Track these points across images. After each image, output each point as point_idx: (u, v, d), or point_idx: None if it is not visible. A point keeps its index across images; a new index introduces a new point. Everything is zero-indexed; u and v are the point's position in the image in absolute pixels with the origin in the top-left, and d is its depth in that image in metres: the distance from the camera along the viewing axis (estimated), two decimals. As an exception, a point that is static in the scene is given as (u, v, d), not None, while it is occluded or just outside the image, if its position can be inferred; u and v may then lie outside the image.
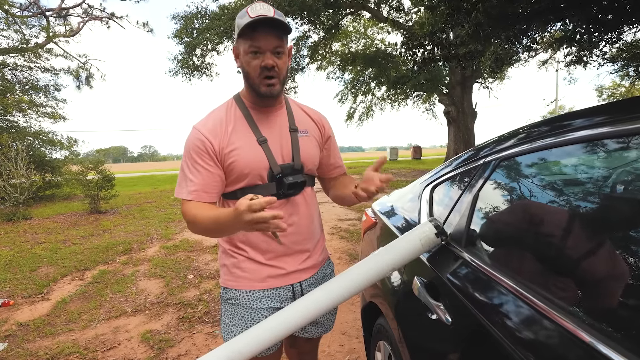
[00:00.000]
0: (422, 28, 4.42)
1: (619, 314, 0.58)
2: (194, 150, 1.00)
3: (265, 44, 0.95)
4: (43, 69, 11.59)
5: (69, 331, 2.54)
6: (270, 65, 0.96)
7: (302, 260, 1.12)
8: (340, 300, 0.99)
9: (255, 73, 0.97)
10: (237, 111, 1.05)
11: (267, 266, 1.08)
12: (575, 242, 0.74)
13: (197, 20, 12.20)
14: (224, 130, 1.01)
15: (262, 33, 0.94)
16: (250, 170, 1.01)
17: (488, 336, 0.74)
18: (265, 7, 0.94)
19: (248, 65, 0.97)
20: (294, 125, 1.09)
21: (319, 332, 1.24)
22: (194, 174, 0.99)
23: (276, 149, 1.05)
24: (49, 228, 6.19)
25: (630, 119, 0.66)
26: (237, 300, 1.08)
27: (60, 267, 3.96)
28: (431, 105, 21.24)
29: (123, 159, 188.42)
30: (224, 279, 1.12)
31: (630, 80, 11.71)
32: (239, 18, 0.95)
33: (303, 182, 1.08)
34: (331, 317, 1.27)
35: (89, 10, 13.71)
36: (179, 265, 3.89)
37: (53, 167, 10.14)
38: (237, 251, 1.08)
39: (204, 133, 1.00)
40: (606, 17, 3.92)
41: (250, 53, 0.95)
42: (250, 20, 0.91)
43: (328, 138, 1.20)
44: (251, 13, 0.92)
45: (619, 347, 0.51)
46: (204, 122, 1.03)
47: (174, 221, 6.44)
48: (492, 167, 1.06)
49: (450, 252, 1.07)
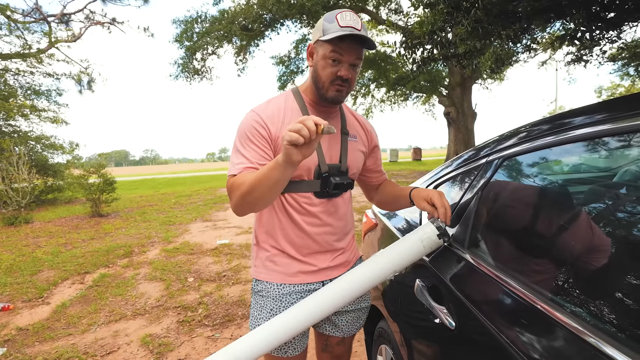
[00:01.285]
0: (421, 27, 4.42)
1: (625, 315, 0.56)
2: (249, 132, 0.99)
3: (347, 57, 0.96)
4: (45, 73, 11.66)
5: (68, 335, 2.52)
6: (345, 77, 0.97)
7: (333, 258, 1.13)
8: (341, 304, 0.97)
9: (328, 79, 0.99)
10: (295, 104, 1.06)
11: (299, 262, 1.09)
12: (583, 242, 0.72)
13: (197, 24, 12.24)
14: (281, 119, 1.02)
15: (346, 44, 0.95)
16: (301, 165, 1.00)
17: (494, 341, 0.72)
18: (355, 19, 0.95)
19: (323, 70, 0.98)
20: (345, 129, 1.11)
21: (352, 330, 1.21)
22: (249, 152, 0.98)
23: (326, 148, 1.06)
24: (50, 232, 6.18)
25: (631, 115, 0.64)
26: (268, 292, 1.09)
27: (61, 270, 3.95)
28: (431, 106, 21.26)
29: (125, 162, 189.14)
30: (256, 271, 1.13)
31: (630, 79, 11.67)
32: (327, 21, 0.96)
33: (349, 184, 1.11)
34: (363, 315, 1.24)
35: (90, 15, 13.80)
36: (179, 268, 3.87)
37: (55, 171, 10.18)
38: (272, 244, 1.09)
39: (262, 117, 1.00)
40: (608, 15, 3.90)
41: (330, 60, 0.96)
42: (339, 34, 0.92)
43: (375, 147, 1.23)
44: (341, 21, 0.94)
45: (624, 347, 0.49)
46: (262, 107, 1.04)
47: (174, 224, 6.43)
48: (494, 167, 1.04)
49: (453, 253, 1.05)
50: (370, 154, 1.22)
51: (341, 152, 1.09)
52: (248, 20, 11.18)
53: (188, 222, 6.56)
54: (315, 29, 1.02)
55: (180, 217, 7.06)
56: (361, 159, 1.16)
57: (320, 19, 1.01)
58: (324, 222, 1.08)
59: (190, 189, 13.29)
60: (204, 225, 6.26)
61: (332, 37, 0.92)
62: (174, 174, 27.36)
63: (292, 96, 1.08)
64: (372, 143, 1.22)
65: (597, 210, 0.75)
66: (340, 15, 0.95)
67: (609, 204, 0.74)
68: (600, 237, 0.69)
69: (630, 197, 0.70)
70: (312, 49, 1.02)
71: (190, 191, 12.31)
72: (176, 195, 11.09)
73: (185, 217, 7.13)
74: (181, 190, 12.74)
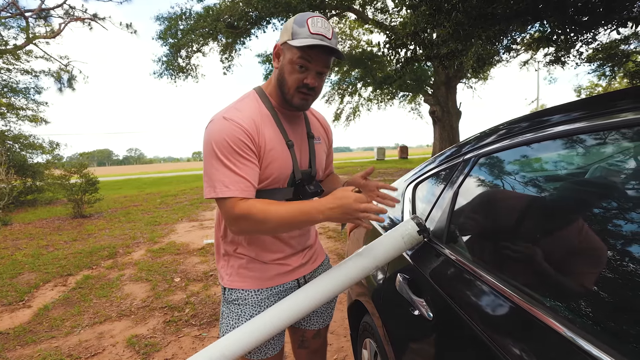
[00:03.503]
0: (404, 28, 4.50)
1: (596, 307, 0.59)
2: (235, 144, 0.90)
3: (314, 65, 0.93)
4: (22, 71, 11.28)
5: (51, 338, 2.48)
6: (312, 85, 0.95)
7: (304, 255, 1.16)
8: (324, 301, 1.00)
9: (294, 85, 0.95)
10: (264, 108, 1.01)
11: (275, 265, 1.09)
12: (557, 237, 0.76)
13: (181, 21, 12.06)
14: (258, 125, 0.96)
15: (315, 52, 0.92)
16: (279, 173, 0.99)
17: (468, 330, 0.76)
18: (326, 26, 0.92)
19: (289, 75, 0.95)
20: (311, 132, 1.10)
21: (326, 320, 1.26)
22: (243, 170, 0.91)
23: (298, 154, 1.05)
24: (30, 233, 6.02)
25: (605, 113, 0.67)
26: (245, 300, 1.07)
27: (42, 273, 3.86)
28: (417, 105, 21.48)
29: (108, 162, 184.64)
30: (228, 280, 1.09)
31: (606, 79, 12.10)
32: (297, 25, 0.92)
33: (321, 191, 1.09)
34: (333, 303, 1.29)
35: (70, 11, 13.42)
36: (165, 268, 3.84)
37: (34, 172, 9.87)
38: (246, 253, 1.07)
39: (243, 125, 0.92)
40: (581, 18, 4.05)
41: (297, 65, 0.93)
42: (310, 43, 0.89)
43: (331, 145, 1.23)
44: (311, 27, 0.90)
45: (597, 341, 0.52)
46: (235, 113, 0.95)
47: (160, 224, 6.35)
48: (471, 164, 1.08)
49: (432, 248, 1.09)
50: (328, 151, 1.22)
51: (310, 157, 1.08)
52: (234, 18, 11.07)
53: (174, 222, 6.48)
54: (284, 29, 0.96)
55: (166, 217, 6.98)
56: (324, 160, 1.17)
57: (289, 19, 0.96)
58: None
59: (176, 188, 13.11)
60: (191, 225, 6.21)
61: (301, 45, 0.89)
62: (159, 174, 26.90)
63: (259, 99, 1.03)
64: (330, 140, 1.22)
65: (570, 205, 0.78)
66: (312, 20, 0.91)
67: (582, 199, 0.77)
68: (574, 232, 0.72)
69: (601, 193, 0.73)
70: (279, 50, 0.97)
71: (176, 191, 12.14)
72: (162, 195, 10.92)
73: (171, 217, 7.05)
74: (167, 190, 12.56)
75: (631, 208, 0.62)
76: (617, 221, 0.64)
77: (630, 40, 9.30)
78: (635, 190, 0.64)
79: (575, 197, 0.79)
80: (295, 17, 0.94)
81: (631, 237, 0.59)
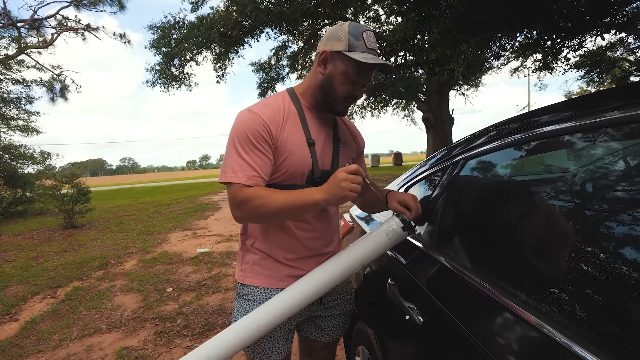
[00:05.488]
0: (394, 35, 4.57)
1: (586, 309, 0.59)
2: (253, 135, 0.95)
3: (366, 79, 0.99)
4: (14, 80, 11.20)
5: (38, 352, 2.41)
6: (359, 97, 1.00)
7: (320, 261, 1.12)
8: (310, 299, 0.98)
9: (343, 95, 1.00)
10: (292, 106, 1.04)
11: (287, 266, 1.08)
12: (541, 237, 0.76)
13: (174, 30, 12.09)
14: (281, 120, 1.00)
15: (369, 68, 0.96)
16: (295, 169, 1.01)
17: (457, 334, 0.75)
18: (375, 41, 0.97)
19: (340, 85, 0.98)
20: (337, 136, 1.12)
21: (337, 334, 1.23)
22: (253, 159, 0.95)
23: (320, 154, 1.06)
24: (19, 245, 5.91)
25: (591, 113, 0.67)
26: (254, 296, 1.07)
27: (31, 285, 3.79)
28: (410, 112, 21.68)
29: (101, 171, 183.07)
30: (242, 275, 1.11)
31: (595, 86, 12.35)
32: (353, 37, 0.95)
33: None
34: (348, 319, 1.26)
35: (63, 21, 13.41)
36: (157, 278, 3.78)
37: (25, 182, 9.74)
38: (260, 247, 1.08)
39: (264, 119, 0.97)
40: (567, 24, 4.15)
41: (351, 78, 0.97)
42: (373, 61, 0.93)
43: (361, 153, 1.26)
44: (367, 42, 0.95)
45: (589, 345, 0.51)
46: (260, 107, 1.00)
47: (153, 234, 6.28)
48: (460, 166, 1.09)
49: (421, 251, 1.08)
50: (357, 160, 1.24)
51: (333, 159, 1.09)
52: (227, 27, 11.13)
53: (167, 232, 6.41)
54: (333, 36, 0.98)
55: (159, 227, 6.90)
56: None
57: (337, 26, 0.99)
58: (314, 227, 1.07)
59: (170, 197, 13.02)
60: (184, 234, 6.14)
61: (364, 61, 0.92)
62: (153, 183, 26.70)
63: (288, 98, 1.06)
64: (360, 149, 1.24)
65: (559, 206, 0.78)
66: (366, 34, 0.95)
67: (570, 200, 0.77)
68: (562, 232, 0.72)
69: (590, 193, 0.73)
70: (328, 57, 0.99)
71: (170, 200, 12.05)
72: (155, 204, 10.83)
73: (165, 226, 6.97)
74: (160, 199, 12.46)
75: (621, 208, 0.62)
76: (608, 222, 0.63)
77: (616, 47, 9.52)
78: (624, 189, 0.64)
79: (564, 198, 0.79)
80: (348, 27, 0.97)
81: (622, 237, 0.58)
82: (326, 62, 1.00)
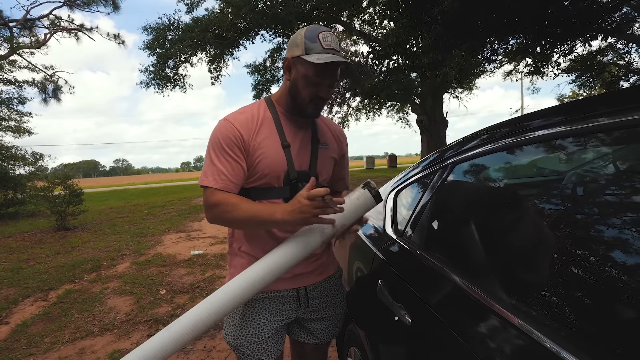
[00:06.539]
0: (387, 39, 4.61)
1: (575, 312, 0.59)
2: (224, 141, 1.00)
3: (329, 79, 1.00)
4: (5, 81, 11.09)
5: (29, 356, 2.39)
6: (326, 97, 1.02)
7: (309, 264, 1.13)
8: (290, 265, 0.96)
9: (308, 98, 1.01)
10: (267, 113, 1.08)
11: None
12: (530, 239, 0.78)
13: (169, 31, 12.06)
14: (254, 126, 1.04)
15: (328, 67, 0.97)
16: (270, 172, 1.03)
17: (445, 334, 0.77)
18: (334, 40, 0.99)
19: (304, 89, 1.01)
20: (316, 136, 1.13)
21: (327, 337, 1.23)
22: (224, 164, 1.00)
23: (296, 155, 1.08)
24: (10, 247, 5.84)
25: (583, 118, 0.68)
26: None
27: (22, 288, 3.74)
28: (405, 114, 21.77)
29: (94, 173, 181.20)
30: (229, 278, 1.10)
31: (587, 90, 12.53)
32: (309, 40, 0.97)
33: None
34: (339, 322, 1.27)
35: (56, 21, 13.29)
36: (150, 280, 3.76)
37: (16, 184, 9.63)
38: (247, 251, 1.10)
39: (235, 125, 1.01)
40: (556, 30, 4.22)
41: (312, 80, 0.99)
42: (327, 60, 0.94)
43: (343, 155, 1.26)
44: (323, 43, 0.96)
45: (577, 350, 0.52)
46: (235, 115, 1.05)
47: (146, 236, 6.24)
48: (449, 169, 1.11)
49: (410, 253, 1.11)
50: (340, 160, 1.24)
51: (311, 159, 1.10)
52: (222, 29, 11.13)
53: (161, 234, 6.38)
54: (293, 43, 1.01)
55: (153, 229, 6.86)
56: (331, 166, 1.18)
57: (297, 32, 1.01)
58: (295, 228, 1.07)
59: (164, 199, 12.93)
60: (178, 236, 6.12)
61: (318, 62, 0.93)
62: (146, 184, 26.50)
63: (264, 105, 1.09)
64: (342, 150, 1.24)
65: (547, 208, 0.80)
66: (322, 35, 0.97)
67: (558, 203, 0.79)
68: (547, 235, 0.73)
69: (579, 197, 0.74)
70: (290, 63, 1.02)
71: (164, 201, 11.97)
72: (149, 206, 10.75)
73: (158, 228, 6.93)
74: (154, 201, 12.37)
75: (610, 212, 0.63)
76: (598, 225, 0.64)
77: (606, 52, 9.68)
78: (613, 194, 0.65)
79: (553, 201, 0.81)
80: (304, 32, 0.99)
81: (611, 241, 0.59)
82: (290, 69, 1.03)
